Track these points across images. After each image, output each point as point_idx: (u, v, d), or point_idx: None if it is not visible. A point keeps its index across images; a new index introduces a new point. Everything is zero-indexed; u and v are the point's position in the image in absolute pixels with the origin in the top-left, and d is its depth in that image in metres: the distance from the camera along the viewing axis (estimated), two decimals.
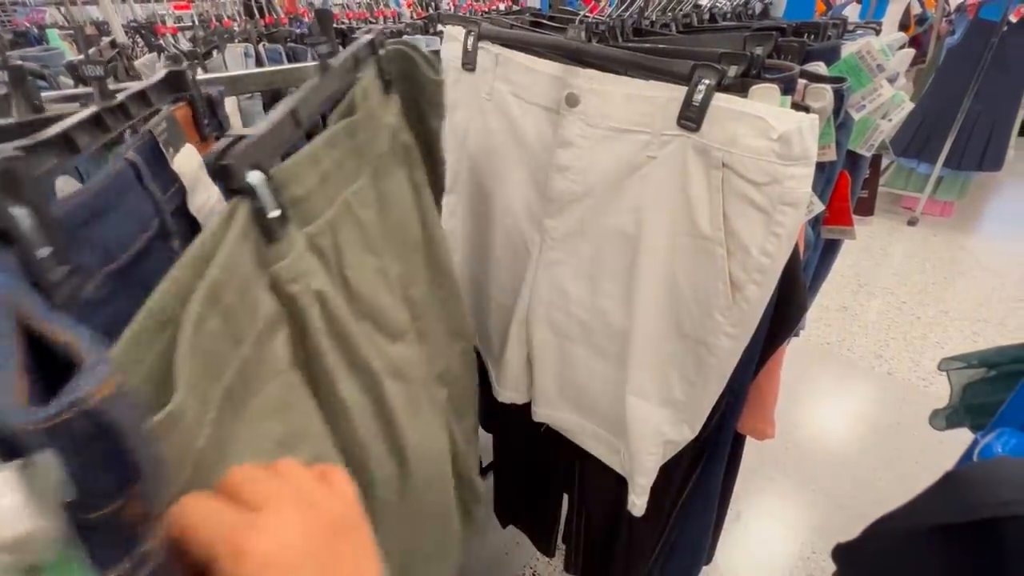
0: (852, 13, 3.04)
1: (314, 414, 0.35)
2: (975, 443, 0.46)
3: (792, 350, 2.34)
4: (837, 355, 2.03)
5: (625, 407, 0.63)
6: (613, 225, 0.57)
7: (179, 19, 1.85)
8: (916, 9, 3.16)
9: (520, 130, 0.65)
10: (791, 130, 0.42)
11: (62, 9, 2.21)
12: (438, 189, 0.61)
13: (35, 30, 1.61)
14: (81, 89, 0.51)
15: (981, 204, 3.24)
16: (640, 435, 0.63)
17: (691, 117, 0.45)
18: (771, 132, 0.42)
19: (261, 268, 0.30)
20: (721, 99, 0.45)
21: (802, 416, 1.75)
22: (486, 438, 1.22)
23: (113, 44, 0.80)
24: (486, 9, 1.42)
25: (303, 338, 0.34)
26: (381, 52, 0.48)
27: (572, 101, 0.54)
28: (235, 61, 0.70)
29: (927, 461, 1.55)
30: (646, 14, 0.66)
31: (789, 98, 0.44)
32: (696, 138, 0.47)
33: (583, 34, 0.57)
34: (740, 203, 0.46)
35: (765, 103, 0.44)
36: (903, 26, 3.12)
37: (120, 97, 0.32)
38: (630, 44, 0.58)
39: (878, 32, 0.78)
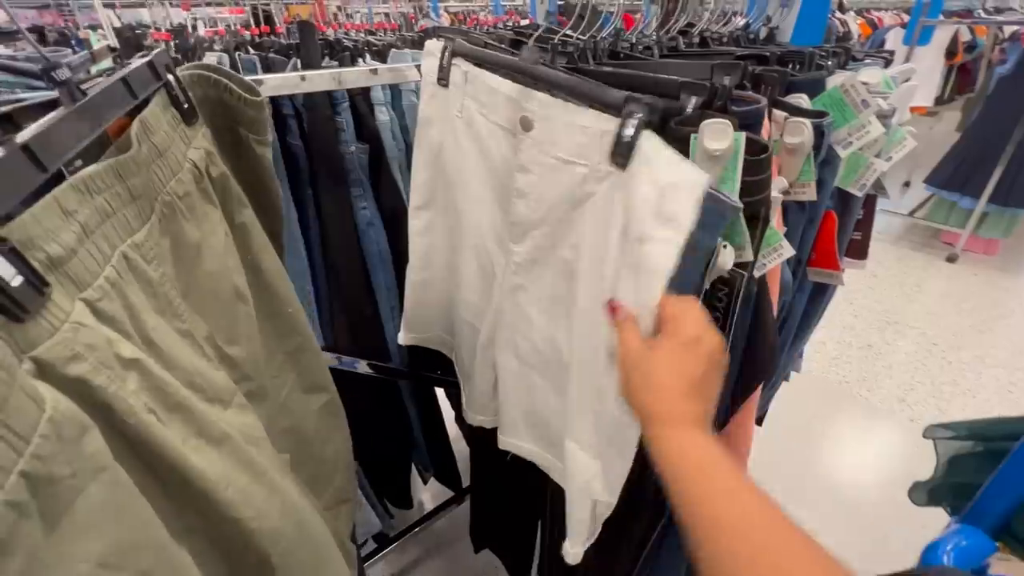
0: (896, 38, 2.92)
1: (149, 516, 0.30)
2: (947, 527, 0.41)
3: (806, 387, 2.22)
4: (856, 396, 1.92)
5: (565, 451, 0.59)
6: (561, 257, 0.54)
7: (214, 23, 1.93)
8: (965, 36, 3.01)
9: (487, 149, 0.63)
10: (668, 184, 0.37)
11: (112, 11, 2.34)
12: (274, 224, 0.55)
13: (74, 30, 1.69)
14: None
15: None
16: (575, 487, 0.59)
17: (621, 153, 0.41)
18: (657, 182, 0.38)
19: (16, 355, 0.24)
20: (645, 137, 0.41)
21: (811, 458, 1.65)
22: (466, 455, 1.19)
23: (111, 48, 0.82)
24: (491, 24, 1.43)
25: (117, 425, 0.29)
26: (170, 77, 0.42)
27: (526, 125, 0.51)
28: None
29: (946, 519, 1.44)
30: (623, 35, 0.63)
31: (744, 134, 0.40)
32: (625, 177, 0.43)
33: (534, 53, 0.54)
34: (629, 258, 0.42)
35: (716, 141, 0.41)
36: (950, 53, 2.97)
37: None
38: (588, 68, 0.56)
39: (888, 62, 0.73)
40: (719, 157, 0.40)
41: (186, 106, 0.42)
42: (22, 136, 0.29)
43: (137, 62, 0.39)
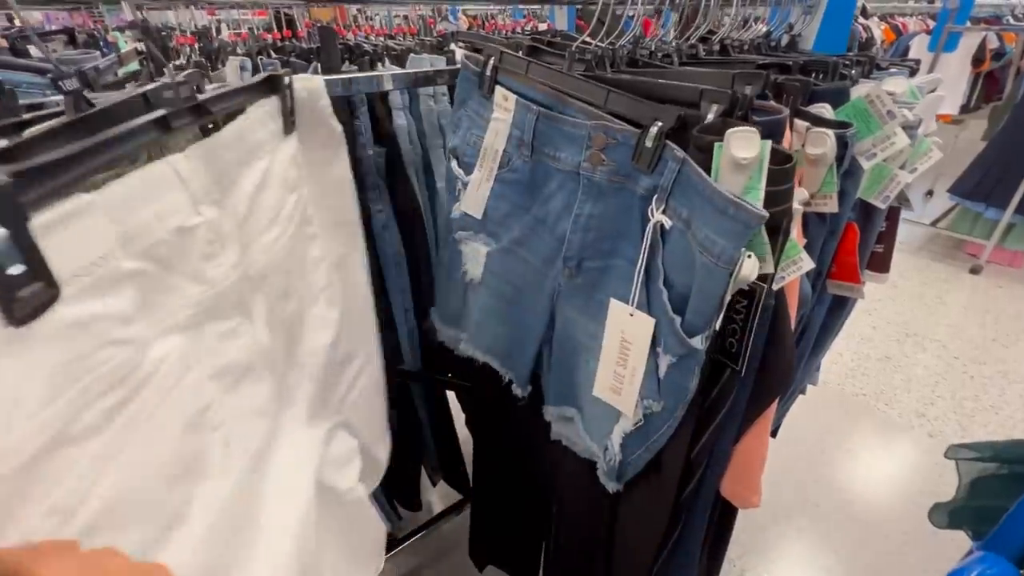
0: (920, 44, 2.86)
1: None
2: (968, 553, 0.39)
3: (822, 399, 2.17)
4: (873, 409, 1.88)
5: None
6: None
7: (234, 25, 1.95)
8: (993, 43, 2.94)
9: None
10: None
11: (140, 12, 2.38)
12: None
13: (103, 33, 1.73)
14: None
15: None
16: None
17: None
18: None
19: None
20: None
21: (826, 473, 1.62)
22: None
23: (138, 52, 0.84)
24: (510, 29, 1.43)
25: None
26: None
27: None
28: (233, 74, 0.72)
29: (964, 540, 1.40)
30: (642, 42, 0.63)
31: (769, 143, 0.39)
32: None
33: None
34: None
35: (744, 149, 0.40)
36: (977, 61, 2.90)
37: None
38: (606, 76, 0.55)
39: (914, 71, 0.71)
40: (746, 166, 0.40)
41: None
42: None
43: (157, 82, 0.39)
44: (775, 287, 0.46)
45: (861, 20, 3.25)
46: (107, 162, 0.32)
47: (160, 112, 0.37)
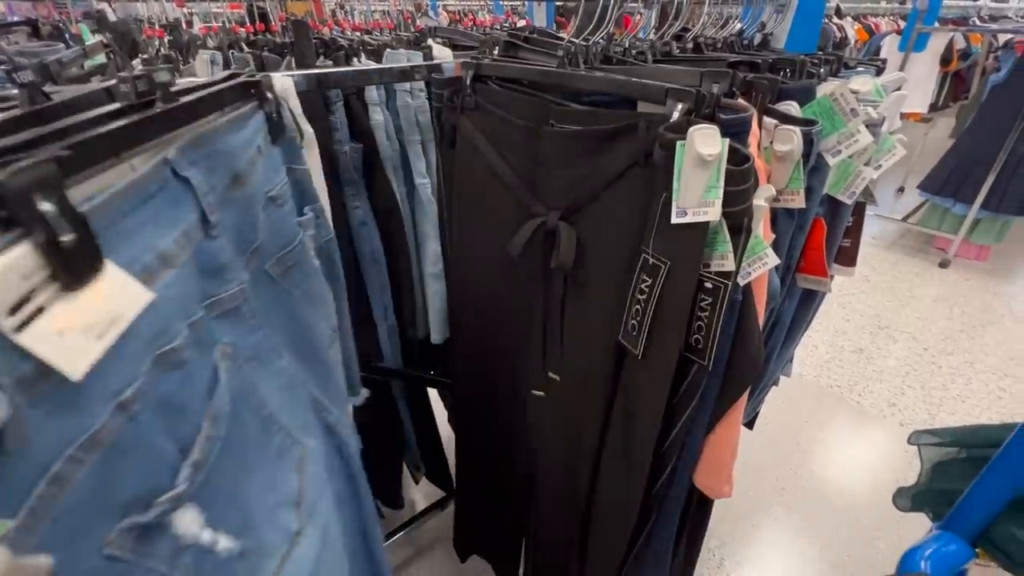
0: (892, 44, 2.93)
1: None
2: (928, 533, 0.41)
3: (797, 390, 2.22)
4: (847, 400, 1.93)
5: None
6: None
7: (207, 18, 1.91)
8: (960, 43, 3.03)
9: None
10: None
11: (108, 5, 2.31)
12: None
13: (67, 24, 1.67)
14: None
15: (1021, 250, 3.05)
16: None
17: None
18: None
19: None
20: None
21: (801, 462, 1.66)
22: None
23: (104, 44, 0.82)
24: (489, 24, 1.43)
25: None
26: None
27: None
28: (203, 67, 0.70)
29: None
30: (616, 39, 0.63)
31: (727, 141, 0.40)
32: None
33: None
34: None
35: (707, 146, 0.41)
36: (945, 60, 2.99)
37: None
38: (578, 73, 0.56)
39: (880, 70, 0.73)
40: (710, 162, 0.41)
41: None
42: None
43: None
44: (741, 282, 0.47)
45: (835, 20, 3.32)
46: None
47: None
